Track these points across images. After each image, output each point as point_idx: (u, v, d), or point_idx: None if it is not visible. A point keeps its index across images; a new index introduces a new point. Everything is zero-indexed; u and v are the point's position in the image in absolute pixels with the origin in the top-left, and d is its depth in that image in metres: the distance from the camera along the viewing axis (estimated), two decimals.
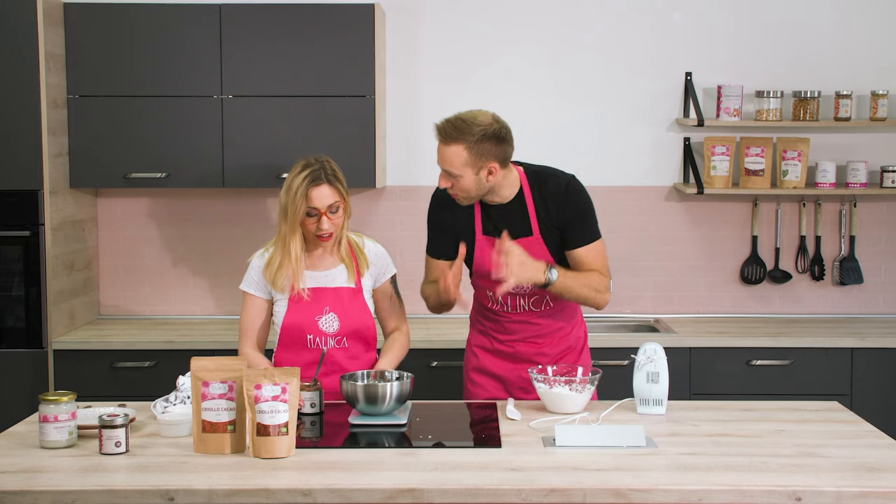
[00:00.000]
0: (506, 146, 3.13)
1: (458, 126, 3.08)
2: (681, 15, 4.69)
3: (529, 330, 3.30)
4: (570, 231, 3.20)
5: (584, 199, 3.23)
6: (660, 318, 4.67)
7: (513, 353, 3.31)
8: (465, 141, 3.06)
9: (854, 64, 4.67)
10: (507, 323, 3.31)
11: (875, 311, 4.78)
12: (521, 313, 3.28)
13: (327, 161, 3.14)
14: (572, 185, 3.23)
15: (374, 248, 3.28)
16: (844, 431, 2.85)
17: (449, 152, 3.09)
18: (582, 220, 3.21)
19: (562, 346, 3.33)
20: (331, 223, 3.10)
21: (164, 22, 4.30)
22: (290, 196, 3.08)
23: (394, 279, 3.31)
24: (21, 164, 4.15)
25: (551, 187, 3.21)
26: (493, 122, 3.11)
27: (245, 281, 3.24)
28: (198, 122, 4.34)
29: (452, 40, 4.69)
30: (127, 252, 4.74)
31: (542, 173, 3.25)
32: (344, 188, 3.13)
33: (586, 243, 3.20)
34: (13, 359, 4.20)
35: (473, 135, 3.06)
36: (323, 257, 3.21)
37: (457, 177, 3.10)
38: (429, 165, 4.72)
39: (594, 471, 2.47)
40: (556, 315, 3.30)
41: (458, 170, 3.09)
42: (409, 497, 2.36)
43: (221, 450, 2.62)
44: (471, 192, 3.14)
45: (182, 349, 4.15)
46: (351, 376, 3.01)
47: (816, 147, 4.70)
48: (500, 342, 3.34)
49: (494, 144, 3.09)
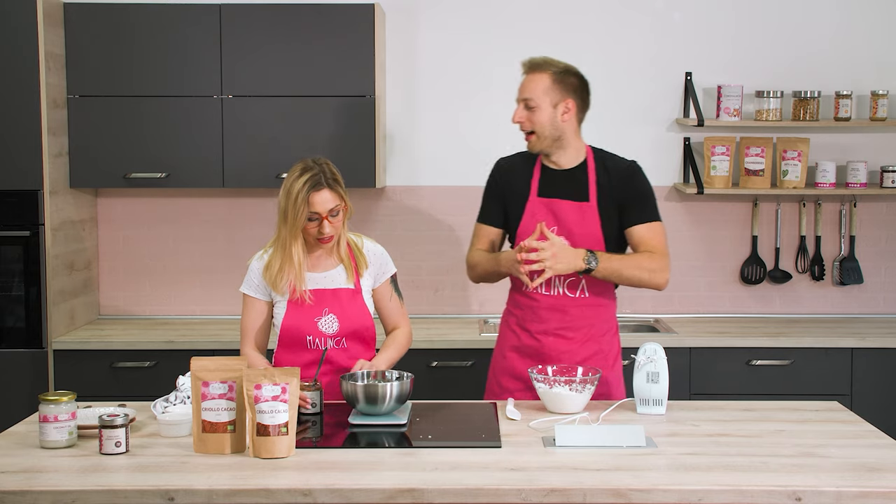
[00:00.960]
0: (585, 94, 3.29)
1: (546, 59, 3.28)
2: (681, 15, 4.69)
3: (560, 320, 3.27)
4: (629, 209, 3.24)
5: (646, 182, 3.31)
6: (660, 318, 4.67)
7: (540, 350, 3.28)
8: (551, 70, 3.23)
9: (854, 64, 4.67)
10: (538, 309, 3.28)
11: (875, 311, 4.78)
12: (556, 297, 3.26)
13: (326, 164, 3.13)
14: (636, 166, 3.33)
15: (374, 248, 3.28)
16: (844, 431, 2.85)
17: (533, 79, 3.23)
18: (643, 201, 3.26)
19: (592, 348, 3.29)
20: (332, 227, 3.09)
21: (164, 22, 4.30)
22: (291, 201, 3.07)
23: (394, 278, 3.30)
24: (21, 164, 4.15)
25: (616, 164, 3.31)
26: (577, 70, 3.29)
27: (245, 283, 3.24)
28: (198, 122, 4.34)
29: (452, 40, 4.69)
30: (127, 252, 4.74)
31: (607, 152, 3.35)
32: (343, 190, 3.13)
33: (645, 222, 3.23)
34: (13, 359, 4.20)
35: (559, 68, 3.24)
36: (322, 258, 3.21)
37: (534, 108, 3.21)
38: (429, 165, 4.74)
39: (594, 471, 2.47)
40: (588, 307, 3.28)
41: (537, 97, 3.21)
42: (409, 497, 2.36)
43: (221, 450, 2.62)
44: (545, 128, 3.22)
45: (182, 349, 4.15)
46: (351, 376, 3.00)
47: (816, 147, 4.70)
48: (529, 335, 3.30)
49: (577, 83, 3.25)
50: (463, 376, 4.17)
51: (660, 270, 3.20)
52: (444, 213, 4.72)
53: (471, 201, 4.69)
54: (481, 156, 4.70)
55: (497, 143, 4.69)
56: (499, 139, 4.69)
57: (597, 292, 3.28)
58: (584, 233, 3.22)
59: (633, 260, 3.19)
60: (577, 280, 3.25)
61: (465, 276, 4.69)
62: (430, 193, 4.73)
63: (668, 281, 3.23)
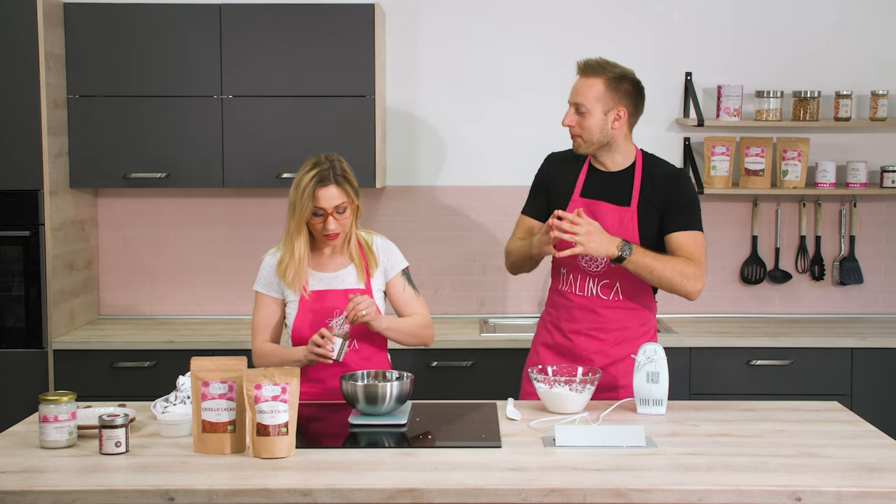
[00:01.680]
0: (639, 99, 3.24)
1: (601, 62, 3.22)
2: (681, 15, 4.69)
3: (592, 320, 3.26)
4: (670, 215, 3.21)
5: (691, 190, 3.28)
6: (660, 318, 4.66)
7: (572, 349, 3.27)
8: (605, 75, 3.19)
9: (854, 64, 4.67)
10: (571, 308, 3.28)
11: (875, 311, 4.78)
12: (589, 297, 3.26)
13: (338, 160, 3.13)
14: (682, 173, 3.31)
15: (383, 244, 3.26)
16: (844, 431, 2.85)
17: (586, 84, 3.20)
18: (685, 208, 3.22)
19: (627, 349, 3.25)
20: (337, 223, 3.08)
21: (164, 22, 4.30)
22: (298, 194, 3.07)
23: (405, 272, 3.26)
24: (21, 164, 4.15)
25: (664, 169, 3.28)
26: (634, 74, 3.24)
27: (258, 281, 3.22)
28: (198, 122, 4.34)
29: (452, 40, 4.69)
30: (127, 252, 4.74)
31: (658, 158, 3.33)
32: (353, 188, 3.12)
33: (686, 229, 3.20)
34: (13, 359, 4.20)
35: (615, 73, 3.20)
36: (332, 258, 3.19)
37: (584, 113, 3.18)
38: (429, 165, 4.74)
39: (594, 471, 2.47)
40: (623, 310, 3.27)
41: (589, 103, 3.17)
42: (409, 497, 2.36)
43: (221, 450, 2.62)
44: (594, 134, 3.19)
45: (182, 349, 4.15)
46: (351, 376, 3.00)
47: (816, 147, 4.70)
48: (562, 334, 3.30)
49: (631, 89, 3.21)
50: (463, 376, 4.17)
51: (693, 277, 3.16)
52: (443, 213, 4.72)
53: (471, 201, 4.71)
54: (481, 156, 4.71)
55: (497, 142, 4.70)
56: (499, 139, 4.70)
57: (631, 295, 3.26)
58: (622, 236, 3.19)
59: (669, 261, 3.15)
60: (611, 282, 3.24)
61: (465, 276, 4.71)
62: (430, 193, 4.73)
63: (699, 291, 3.19)
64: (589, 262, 3.24)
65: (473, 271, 4.72)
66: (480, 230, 4.73)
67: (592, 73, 3.19)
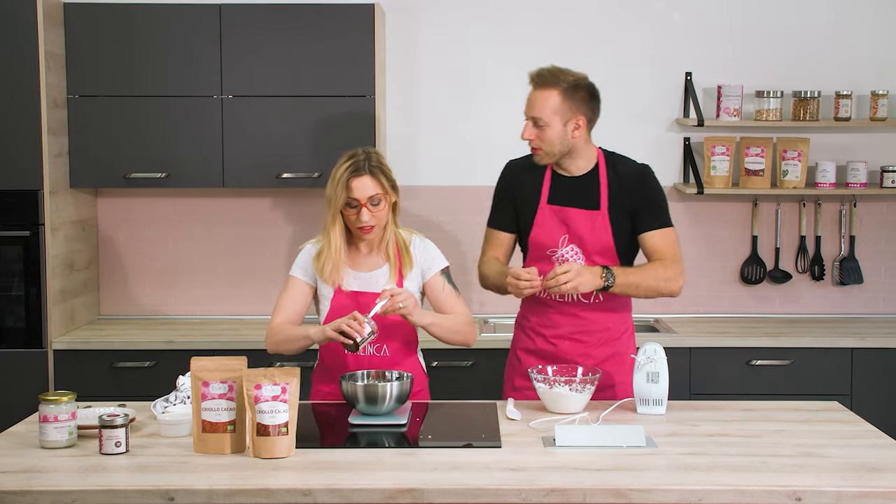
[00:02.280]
0: (595, 104, 3.19)
1: (553, 72, 3.15)
2: (681, 15, 4.69)
3: (574, 324, 3.26)
4: (641, 215, 3.22)
5: (657, 186, 3.27)
6: (660, 318, 4.67)
7: (555, 353, 3.26)
8: (560, 86, 3.12)
9: (854, 64, 4.67)
10: (553, 314, 3.27)
11: (875, 311, 4.78)
12: (570, 304, 3.25)
13: (375, 153, 3.13)
14: (647, 170, 3.29)
15: (421, 243, 3.23)
16: (844, 431, 2.85)
17: (541, 97, 3.13)
18: (655, 205, 3.23)
19: (609, 350, 3.27)
20: (371, 215, 3.07)
21: (164, 22, 4.30)
22: (332, 185, 3.08)
23: (445, 271, 3.22)
24: (21, 164, 4.15)
25: (628, 168, 3.26)
26: (587, 78, 3.18)
27: (294, 266, 3.20)
28: (198, 122, 4.34)
29: (452, 40, 4.69)
30: (127, 252, 4.74)
31: (619, 155, 3.31)
32: (388, 181, 3.10)
33: (658, 228, 3.21)
34: (13, 359, 4.20)
35: (568, 83, 3.13)
36: (369, 256, 3.18)
37: (544, 126, 3.14)
38: (429, 165, 4.74)
39: (594, 471, 2.47)
40: (603, 311, 3.26)
41: (547, 116, 3.12)
42: (409, 497, 2.36)
43: (221, 450, 2.62)
44: (554, 146, 3.16)
45: (182, 349, 4.15)
46: (351, 376, 3.00)
47: (816, 147, 4.70)
48: (544, 339, 3.29)
49: (587, 97, 3.16)
50: (463, 376, 4.17)
51: (674, 278, 3.19)
52: (443, 213, 4.72)
53: (471, 201, 4.71)
54: (481, 156, 4.71)
55: (497, 142, 4.70)
56: (499, 139, 4.70)
57: (609, 296, 3.25)
58: (595, 241, 3.21)
59: (648, 272, 3.17)
60: None
61: (465, 276, 4.71)
62: (430, 193, 4.72)
63: (682, 288, 3.22)
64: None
65: (473, 271, 4.69)
66: (480, 231, 4.67)
67: (547, 84, 3.13)
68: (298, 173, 4.37)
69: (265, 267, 4.73)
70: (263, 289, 4.72)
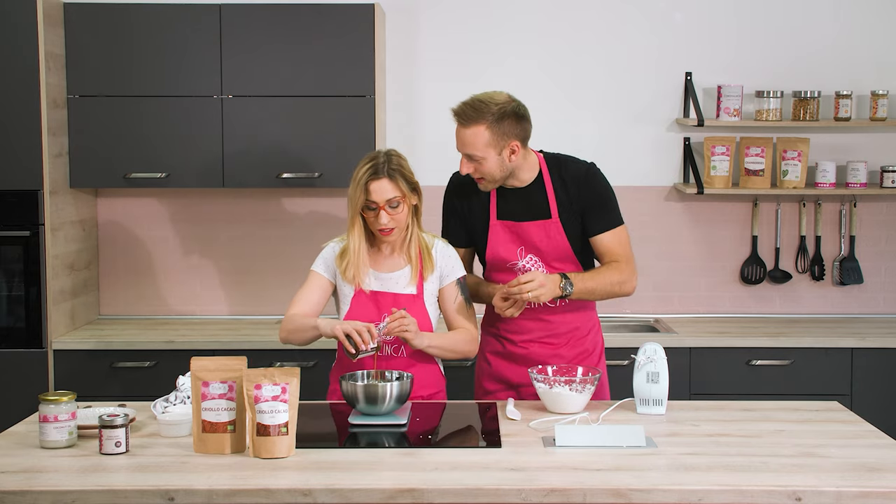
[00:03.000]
0: (525, 123, 3.15)
1: (475, 107, 3.09)
2: (681, 15, 4.69)
3: (543, 328, 3.28)
4: (590, 217, 3.21)
5: (604, 185, 3.24)
6: (660, 318, 4.67)
7: (527, 356, 3.27)
8: (486, 120, 3.08)
9: (854, 64, 4.67)
10: (521, 320, 3.26)
11: (875, 311, 4.78)
12: (536, 309, 3.25)
13: (395, 155, 3.13)
14: (592, 170, 3.26)
15: (444, 249, 3.22)
16: (844, 431, 2.85)
17: (470, 134, 3.10)
18: (603, 206, 3.22)
19: (578, 348, 3.30)
20: (390, 218, 3.07)
21: (164, 22, 4.30)
22: (352, 187, 3.09)
23: (461, 281, 3.22)
24: (21, 164, 4.15)
25: (571, 171, 3.23)
26: (511, 100, 3.12)
27: (317, 262, 3.20)
28: (198, 122, 4.34)
29: (452, 40, 4.69)
30: (127, 252, 4.74)
31: (562, 158, 3.27)
32: (408, 184, 3.10)
33: (608, 229, 3.21)
34: (13, 359, 4.20)
35: (493, 113, 3.08)
36: (391, 257, 3.18)
37: (479, 160, 3.11)
38: (429, 165, 4.73)
39: (594, 471, 2.47)
40: (570, 312, 3.28)
41: (480, 151, 3.09)
42: (409, 497, 2.36)
43: (221, 450, 2.62)
44: (495, 174, 3.14)
45: (182, 349, 4.15)
46: (351, 376, 3.00)
47: (816, 147, 4.70)
48: (513, 344, 3.31)
49: (514, 122, 3.10)
50: (463, 376, 4.17)
51: (627, 280, 3.21)
52: None
53: None
54: None
55: None
56: None
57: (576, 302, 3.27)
58: (552, 248, 3.22)
59: (603, 276, 3.18)
60: None
61: None
62: (430, 193, 4.70)
63: (635, 288, 3.25)
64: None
65: (473, 271, 4.71)
66: None
67: (472, 121, 3.09)
68: (298, 173, 4.37)
69: (265, 267, 4.73)
70: (263, 289, 4.73)
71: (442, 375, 3.28)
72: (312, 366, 4.11)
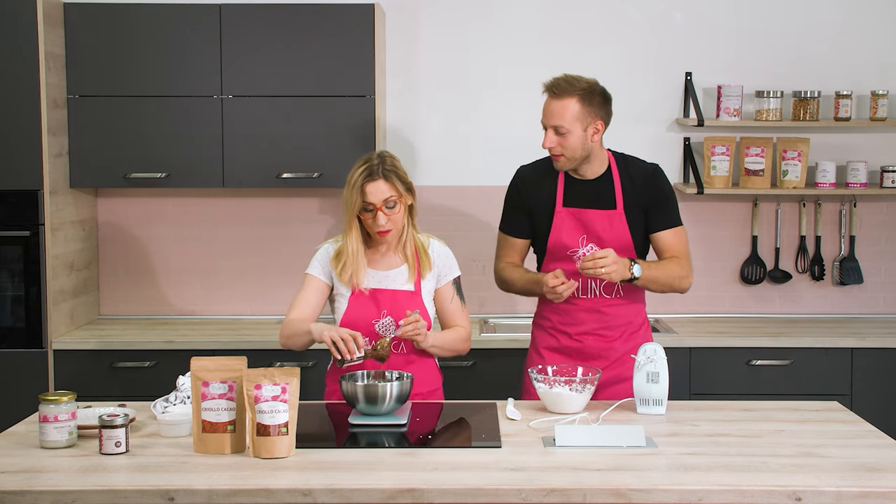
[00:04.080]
0: (609, 107, 3.29)
1: (569, 80, 3.22)
2: (681, 15, 4.69)
3: (598, 320, 3.33)
4: (654, 214, 3.30)
5: (668, 185, 3.36)
6: (660, 318, 4.67)
7: (581, 349, 3.32)
8: (577, 94, 3.20)
9: (854, 64, 4.67)
10: (576, 312, 3.33)
11: (875, 311, 4.78)
12: (592, 299, 3.32)
13: (389, 157, 3.16)
14: (658, 170, 3.37)
15: (440, 249, 3.26)
16: (844, 431, 2.85)
17: (561, 106, 3.20)
18: (666, 204, 3.32)
19: (631, 342, 3.35)
20: (387, 219, 3.09)
21: (164, 22, 4.30)
22: (348, 189, 3.11)
23: (457, 281, 3.27)
24: (21, 164, 4.15)
25: (639, 168, 3.35)
26: (598, 83, 3.27)
27: (311, 265, 3.23)
28: (198, 122, 4.34)
29: (452, 40, 4.69)
30: (127, 252, 4.74)
31: (629, 157, 3.39)
32: (403, 184, 3.13)
33: (670, 227, 3.30)
34: (13, 359, 4.20)
35: (584, 89, 3.21)
36: (387, 255, 3.20)
37: (565, 133, 3.20)
38: (429, 165, 4.74)
39: (594, 471, 2.47)
40: (624, 305, 3.34)
41: (568, 124, 3.19)
42: (409, 497, 2.36)
43: (221, 450, 2.62)
44: (576, 151, 3.23)
45: (182, 349, 4.15)
46: (351, 376, 3.00)
47: (816, 147, 4.70)
48: (568, 336, 3.35)
49: (602, 101, 3.25)
50: (463, 376, 4.17)
51: (686, 276, 3.32)
52: (443, 213, 4.72)
53: (471, 201, 4.71)
54: (482, 156, 4.71)
55: (497, 142, 4.70)
56: (499, 139, 4.70)
57: (628, 290, 3.35)
58: (613, 238, 3.28)
59: (667, 268, 3.27)
60: (613, 283, 3.30)
61: (465, 276, 4.68)
62: (430, 193, 4.72)
63: (691, 285, 3.35)
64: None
65: (473, 271, 4.71)
66: (480, 230, 4.72)
67: (565, 93, 3.21)
68: (298, 173, 4.37)
69: (265, 267, 4.73)
70: (263, 289, 4.73)
71: (439, 373, 3.31)
72: (312, 366, 4.11)
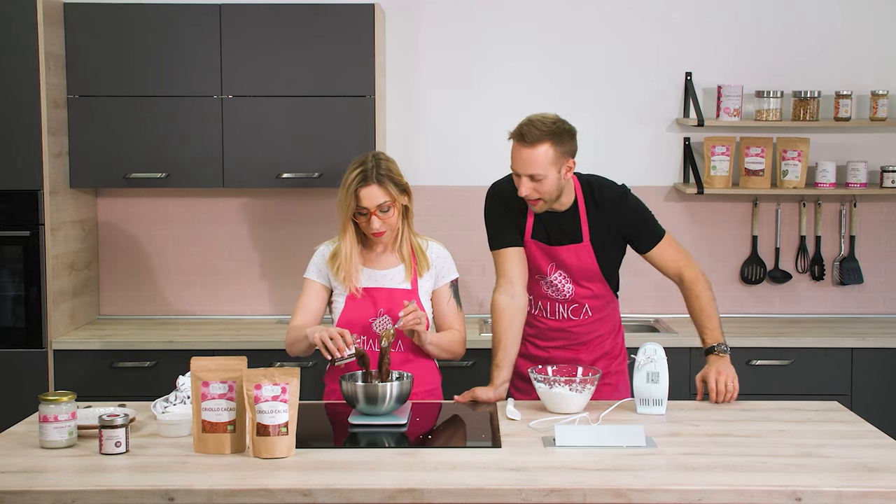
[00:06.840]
0: (575, 141, 3.18)
1: (536, 125, 3.09)
2: (681, 15, 4.69)
3: (567, 338, 3.35)
4: (636, 239, 3.29)
5: (640, 206, 3.30)
6: (660, 318, 4.67)
7: (548, 359, 3.32)
8: (549, 138, 3.08)
9: (854, 64, 4.67)
10: (546, 331, 3.36)
11: (875, 311, 4.78)
12: (560, 320, 3.33)
13: (384, 159, 3.15)
14: (626, 193, 3.30)
15: (438, 250, 3.26)
16: (844, 431, 2.85)
17: (536, 153, 3.08)
18: (644, 225, 3.29)
19: (598, 352, 3.37)
20: (382, 222, 3.10)
21: (164, 22, 4.30)
22: (343, 193, 3.11)
23: (454, 284, 3.28)
24: (21, 164, 4.15)
25: (605, 195, 3.26)
26: (560, 118, 3.15)
27: (309, 269, 3.24)
28: (198, 122, 4.34)
29: (452, 40, 4.69)
30: (127, 252, 4.74)
31: (594, 182, 3.29)
32: (397, 187, 3.12)
33: (655, 243, 3.27)
34: (13, 359, 4.20)
35: (553, 131, 3.09)
36: (384, 255, 3.21)
37: (541, 179, 3.11)
38: (429, 165, 4.74)
39: (594, 471, 2.47)
40: (595, 324, 3.35)
41: (543, 170, 3.09)
42: (409, 497, 2.36)
43: (221, 450, 2.62)
44: (553, 193, 3.16)
45: (182, 349, 4.15)
46: (351, 376, 3.00)
47: (816, 147, 4.70)
48: (537, 347, 3.38)
49: (570, 138, 3.15)
50: (463, 376, 4.17)
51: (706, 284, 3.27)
52: (443, 213, 4.72)
53: (471, 201, 4.70)
54: (481, 156, 4.71)
55: (497, 142, 4.69)
56: (499, 139, 4.69)
57: (597, 309, 3.34)
58: (581, 268, 3.27)
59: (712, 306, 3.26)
60: (580, 305, 3.31)
61: (465, 276, 4.70)
62: (430, 193, 4.72)
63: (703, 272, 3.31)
64: (556, 291, 3.31)
65: (473, 271, 4.72)
66: (480, 230, 4.66)
67: (536, 140, 3.06)
68: (298, 173, 4.37)
69: (265, 267, 4.73)
70: (263, 289, 4.73)
71: (438, 372, 3.31)
72: (312, 366, 4.11)
